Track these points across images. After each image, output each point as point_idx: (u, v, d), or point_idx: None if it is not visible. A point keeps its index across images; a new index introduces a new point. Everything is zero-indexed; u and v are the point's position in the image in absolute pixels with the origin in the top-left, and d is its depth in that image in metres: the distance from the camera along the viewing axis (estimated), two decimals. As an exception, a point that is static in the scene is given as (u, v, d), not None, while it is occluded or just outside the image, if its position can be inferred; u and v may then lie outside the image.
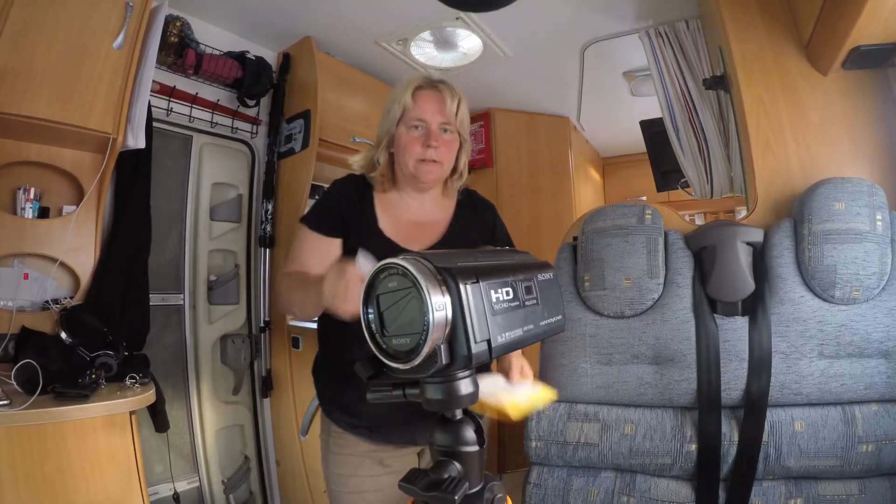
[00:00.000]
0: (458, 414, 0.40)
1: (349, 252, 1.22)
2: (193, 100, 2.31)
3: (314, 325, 1.67)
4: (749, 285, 1.31)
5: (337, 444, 1.29)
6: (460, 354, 0.33)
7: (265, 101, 2.60)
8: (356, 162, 1.39)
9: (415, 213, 1.34)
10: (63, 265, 1.77)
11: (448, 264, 0.34)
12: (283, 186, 2.53)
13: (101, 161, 1.77)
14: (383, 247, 1.23)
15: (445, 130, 1.28)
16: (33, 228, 1.74)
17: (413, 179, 1.29)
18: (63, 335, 1.63)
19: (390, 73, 2.79)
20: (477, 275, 0.34)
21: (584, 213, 1.51)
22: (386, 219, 1.30)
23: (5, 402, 1.28)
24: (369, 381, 0.40)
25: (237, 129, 2.51)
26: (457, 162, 1.35)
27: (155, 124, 2.02)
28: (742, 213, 1.71)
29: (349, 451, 1.28)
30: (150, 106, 1.91)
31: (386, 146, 1.32)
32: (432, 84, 1.30)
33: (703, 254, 1.37)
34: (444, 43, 2.57)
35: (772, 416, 1.24)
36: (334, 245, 1.26)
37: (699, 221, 4.31)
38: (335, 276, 0.93)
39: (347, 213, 1.28)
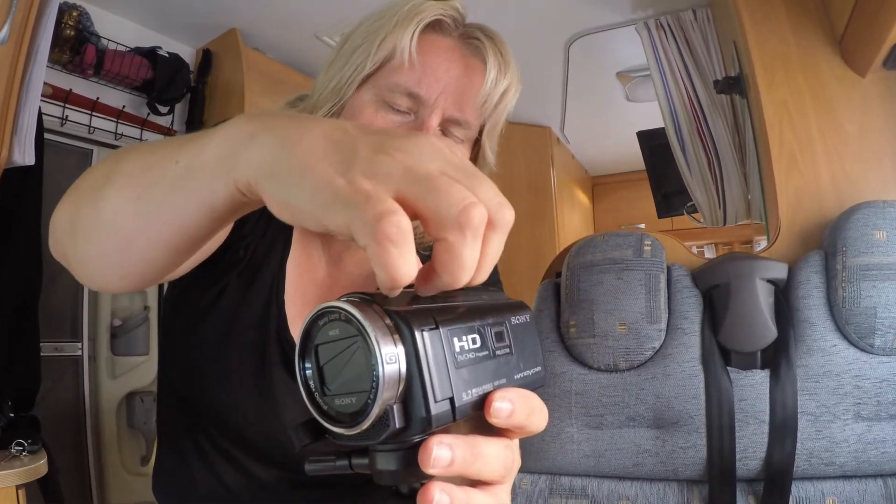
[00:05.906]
0: (417, 487, 0.37)
1: (193, 315, 0.80)
2: (93, 106, 2.31)
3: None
4: (770, 332, 1.31)
5: None
6: (417, 416, 0.32)
7: (181, 108, 2.64)
8: None
9: (349, 263, 0.88)
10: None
11: (400, 307, 0.32)
12: (204, 211, 2.50)
13: (-20, 181, 1.75)
14: (267, 322, 0.80)
15: (451, 133, 0.81)
16: None
17: None
18: (-65, 394, 1.62)
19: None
20: (436, 319, 0.33)
21: (570, 245, 1.50)
22: (296, 266, 0.84)
23: None
24: (305, 448, 0.39)
25: (147, 141, 2.48)
26: None
27: (47, 136, 2.03)
28: (762, 243, 1.72)
29: None
30: (40, 113, 1.89)
31: None
32: (465, 31, 0.80)
33: (715, 294, 1.37)
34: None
35: (798, 490, 1.22)
36: None
37: (709, 254, 4.36)
38: None
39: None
